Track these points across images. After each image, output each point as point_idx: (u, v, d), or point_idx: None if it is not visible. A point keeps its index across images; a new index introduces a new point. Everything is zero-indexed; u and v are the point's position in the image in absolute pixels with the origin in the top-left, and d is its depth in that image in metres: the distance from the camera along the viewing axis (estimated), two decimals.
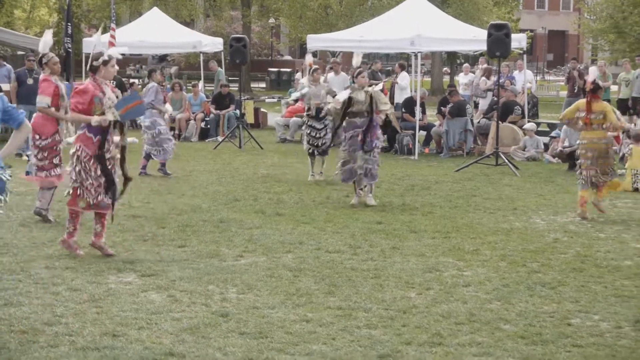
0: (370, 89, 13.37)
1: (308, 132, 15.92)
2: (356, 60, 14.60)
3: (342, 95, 13.44)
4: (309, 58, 18.09)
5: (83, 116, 9.51)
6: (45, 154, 11.13)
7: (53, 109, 11.13)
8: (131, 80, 30.59)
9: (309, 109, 16.01)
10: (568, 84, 25.67)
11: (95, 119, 9.46)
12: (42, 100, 11.09)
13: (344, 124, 13.45)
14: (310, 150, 15.95)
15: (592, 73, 13.29)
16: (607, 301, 8.17)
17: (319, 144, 15.79)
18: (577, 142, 12.97)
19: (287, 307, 7.85)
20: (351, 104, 13.21)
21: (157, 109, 16.26)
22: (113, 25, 24.50)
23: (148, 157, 16.29)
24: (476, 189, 15.13)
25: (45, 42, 11.18)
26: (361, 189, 13.38)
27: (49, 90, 11.10)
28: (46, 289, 8.28)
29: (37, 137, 11.09)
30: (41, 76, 11.35)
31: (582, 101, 12.90)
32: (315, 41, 23.16)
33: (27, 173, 11.86)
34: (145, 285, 8.48)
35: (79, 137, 9.72)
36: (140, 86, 31.74)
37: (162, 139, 16.07)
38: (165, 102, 16.76)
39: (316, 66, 16.90)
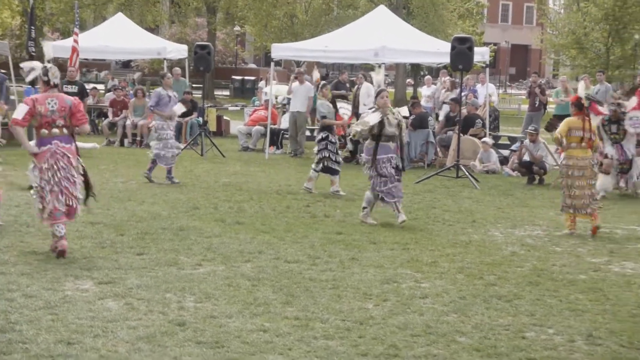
0: (396, 111, 13.09)
1: (331, 148, 15.40)
2: (316, 75, 14.63)
3: (372, 118, 12.74)
4: (316, 75, 17.81)
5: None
6: None
7: None
8: (92, 86, 30.38)
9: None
10: (529, 98, 25.88)
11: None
12: None
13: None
14: (325, 164, 15.40)
15: (581, 88, 13.31)
16: (562, 315, 8.26)
17: (336, 159, 15.44)
18: (563, 161, 12.75)
19: (245, 316, 7.85)
20: (382, 127, 12.68)
21: (158, 114, 16.27)
22: (76, 30, 24.38)
23: (154, 160, 16.37)
24: (436, 201, 15.21)
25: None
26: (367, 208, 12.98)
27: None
28: (0, 295, 8.21)
29: None
30: None
31: (572, 119, 12.66)
32: (280, 50, 23.18)
33: None
34: (102, 293, 8.44)
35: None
36: (102, 91, 31.55)
37: (165, 145, 16.23)
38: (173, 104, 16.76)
39: (324, 82, 16.67)
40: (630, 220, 13.87)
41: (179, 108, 16.81)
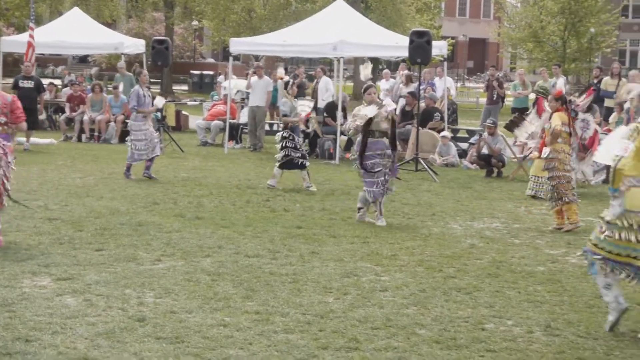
0: (391, 108, 12.70)
1: (292, 145, 15.36)
2: (280, 72, 14.59)
3: (369, 111, 12.35)
4: (280, 71, 17.71)
5: None
6: None
7: None
8: (49, 81, 30.12)
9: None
10: (487, 91, 26.03)
11: None
12: None
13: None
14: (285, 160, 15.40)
15: (560, 83, 13.31)
16: (521, 306, 8.32)
17: (300, 154, 15.40)
18: (549, 155, 12.68)
19: (205, 311, 7.83)
20: (370, 122, 12.35)
21: (142, 112, 16.19)
22: (32, 25, 24.15)
23: (149, 159, 16.30)
24: (395, 194, 15.18)
25: None
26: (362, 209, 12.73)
27: None
28: None
29: None
30: None
31: (562, 114, 12.51)
32: (238, 45, 23.10)
33: None
34: (61, 289, 8.37)
35: None
36: (59, 87, 31.28)
37: (145, 137, 16.19)
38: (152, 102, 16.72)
39: (288, 79, 16.54)
40: (587, 212, 13.99)
41: (160, 101, 16.70)
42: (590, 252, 7.73)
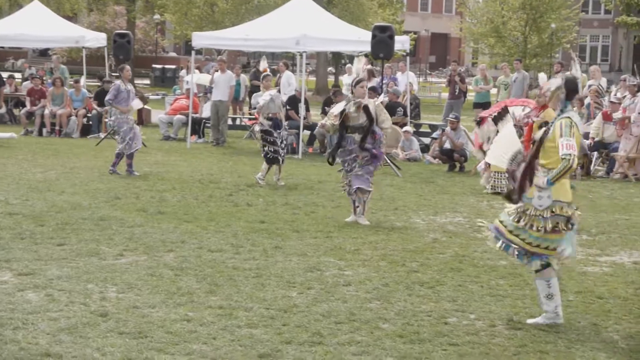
0: (372, 101, 12.52)
1: (270, 140, 15.25)
2: (263, 65, 14.53)
3: (337, 108, 12.27)
4: (263, 64, 17.41)
5: None
6: None
7: None
8: (9, 74, 29.83)
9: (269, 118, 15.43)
10: (449, 86, 26.13)
11: None
12: None
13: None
14: (270, 156, 15.28)
15: (542, 79, 13.30)
16: (483, 300, 8.38)
17: (281, 151, 15.30)
18: None
19: (168, 306, 7.80)
20: (347, 118, 12.13)
21: (117, 108, 16.03)
22: None
23: (129, 155, 16.13)
24: None
25: None
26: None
27: None
28: None
29: None
30: None
31: (550, 111, 12.54)
32: (201, 39, 23.03)
33: None
34: (22, 284, 8.31)
35: None
36: (19, 80, 30.99)
37: (125, 133, 16.06)
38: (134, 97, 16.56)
39: (267, 73, 16.37)
40: None
41: (137, 104, 16.53)
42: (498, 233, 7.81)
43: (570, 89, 7.60)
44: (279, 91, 22.69)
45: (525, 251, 7.66)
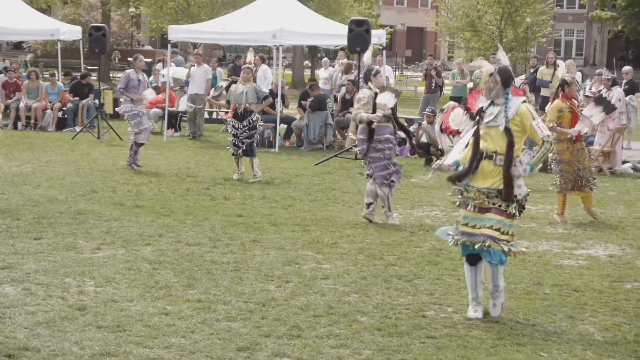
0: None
1: (233, 132, 15.18)
2: (250, 57, 14.47)
3: (389, 100, 11.89)
4: (250, 56, 17.10)
5: None
6: None
7: None
8: None
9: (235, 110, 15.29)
10: (425, 80, 26.18)
11: None
12: None
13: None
14: (232, 151, 15.23)
15: (562, 68, 13.29)
16: (460, 293, 8.41)
17: (240, 144, 15.08)
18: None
19: (146, 300, 7.80)
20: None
21: (127, 96, 15.97)
22: None
23: (134, 145, 16.07)
24: (336, 183, 15.31)
25: None
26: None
27: None
28: None
29: None
30: None
31: (560, 103, 12.54)
32: (177, 32, 22.96)
33: None
34: None
35: None
36: None
37: (137, 123, 16.00)
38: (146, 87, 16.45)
39: (247, 65, 16.15)
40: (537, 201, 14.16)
41: (150, 93, 16.31)
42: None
43: (507, 77, 7.59)
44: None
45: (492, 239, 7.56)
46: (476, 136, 7.65)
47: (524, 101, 7.60)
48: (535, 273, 9.36)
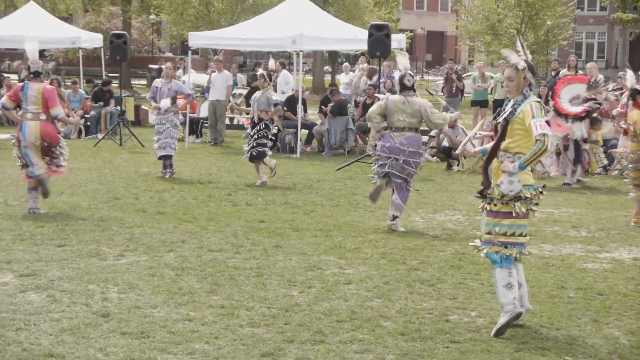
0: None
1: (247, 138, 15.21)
2: (271, 63, 14.46)
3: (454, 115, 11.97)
4: (271, 63, 17.05)
5: None
6: None
7: None
8: (5, 75, 29.82)
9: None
10: (446, 84, 26.14)
11: None
12: None
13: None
14: (248, 154, 15.29)
15: (631, 78, 13.36)
16: (484, 297, 8.39)
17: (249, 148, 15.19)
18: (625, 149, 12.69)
19: (170, 306, 7.81)
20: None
21: (149, 106, 16.01)
22: None
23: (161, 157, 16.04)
24: (357, 188, 15.30)
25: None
26: None
27: None
28: None
29: None
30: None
31: (637, 112, 12.59)
32: (197, 39, 23.04)
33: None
34: (24, 286, 8.32)
35: None
36: (16, 81, 30.96)
37: (161, 136, 15.94)
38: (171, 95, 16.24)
39: (262, 72, 16.08)
40: (547, 204, 14.12)
41: (165, 104, 16.19)
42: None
43: (533, 74, 7.40)
44: (275, 91, 22.72)
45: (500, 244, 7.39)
46: (502, 134, 7.39)
47: (538, 101, 7.40)
48: (559, 277, 9.33)
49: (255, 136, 15.16)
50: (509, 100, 7.50)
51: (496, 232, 7.42)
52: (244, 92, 18.63)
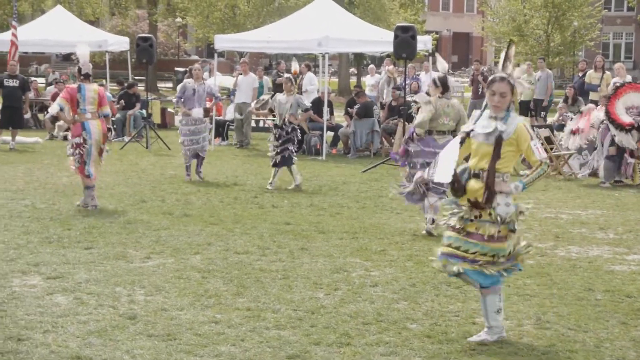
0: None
1: (273, 142, 15.15)
2: (294, 66, 14.50)
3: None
4: (295, 65, 17.30)
5: None
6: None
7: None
8: (32, 79, 30.04)
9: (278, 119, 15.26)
10: (472, 85, 26.08)
11: None
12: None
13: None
14: (273, 160, 15.19)
15: None
16: (510, 300, 8.34)
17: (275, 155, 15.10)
18: None
19: (196, 308, 7.83)
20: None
21: (178, 109, 16.05)
22: (15, 23, 24.09)
23: (190, 157, 16.02)
24: (383, 190, 15.26)
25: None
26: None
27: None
28: None
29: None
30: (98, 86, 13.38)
31: None
32: (223, 41, 23.10)
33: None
34: (51, 288, 8.36)
35: None
36: (44, 85, 31.18)
37: (190, 139, 15.91)
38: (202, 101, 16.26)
39: (288, 75, 16.07)
40: (574, 205, 14.07)
41: (197, 112, 16.08)
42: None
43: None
44: (300, 93, 22.73)
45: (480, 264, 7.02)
46: (497, 153, 6.95)
47: (524, 119, 7.14)
48: (586, 279, 9.27)
49: (283, 141, 15.09)
50: (489, 117, 7.02)
51: (495, 256, 7.04)
52: (267, 98, 18.61)
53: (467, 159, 7.21)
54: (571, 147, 17.35)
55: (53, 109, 13.26)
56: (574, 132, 17.20)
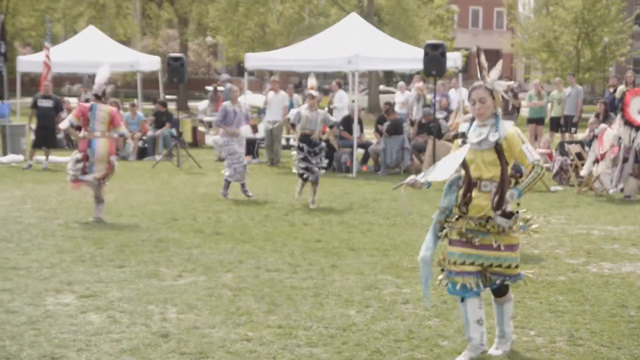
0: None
1: (301, 156, 15.21)
2: (311, 82, 14.52)
3: None
4: (311, 82, 17.39)
5: None
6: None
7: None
8: (65, 99, 30.31)
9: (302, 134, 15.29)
10: (502, 102, 26.00)
11: None
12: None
13: None
14: (306, 176, 15.24)
15: None
16: (542, 316, 8.32)
17: (314, 169, 15.19)
18: None
19: (228, 326, 7.86)
20: None
21: (224, 129, 16.15)
22: (48, 44, 24.31)
23: (227, 180, 16.12)
24: (413, 207, 15.26)
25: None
26: None
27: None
28: None
29: None
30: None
31: None
32: (253, 60, 23.23)
33: None
34: (84, 307, 8.42)
35: None
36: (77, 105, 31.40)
37: (232, 160, 16.01)
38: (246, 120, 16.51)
39: (313, 91, 16.08)
40: (606, 221, 13.99)
41: (247, 130, 16.07)
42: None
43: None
44: (330, 110, 22.80)
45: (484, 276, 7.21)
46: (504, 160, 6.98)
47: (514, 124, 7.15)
48: (619, 295, 9.21)
49: (317, 156, 15.16)
50: (478, 125, 7.10)
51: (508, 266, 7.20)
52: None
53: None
54: (599, 172, 17.27)
55: (64, 124, 14.00)
56: (597, 161, 17.14)
